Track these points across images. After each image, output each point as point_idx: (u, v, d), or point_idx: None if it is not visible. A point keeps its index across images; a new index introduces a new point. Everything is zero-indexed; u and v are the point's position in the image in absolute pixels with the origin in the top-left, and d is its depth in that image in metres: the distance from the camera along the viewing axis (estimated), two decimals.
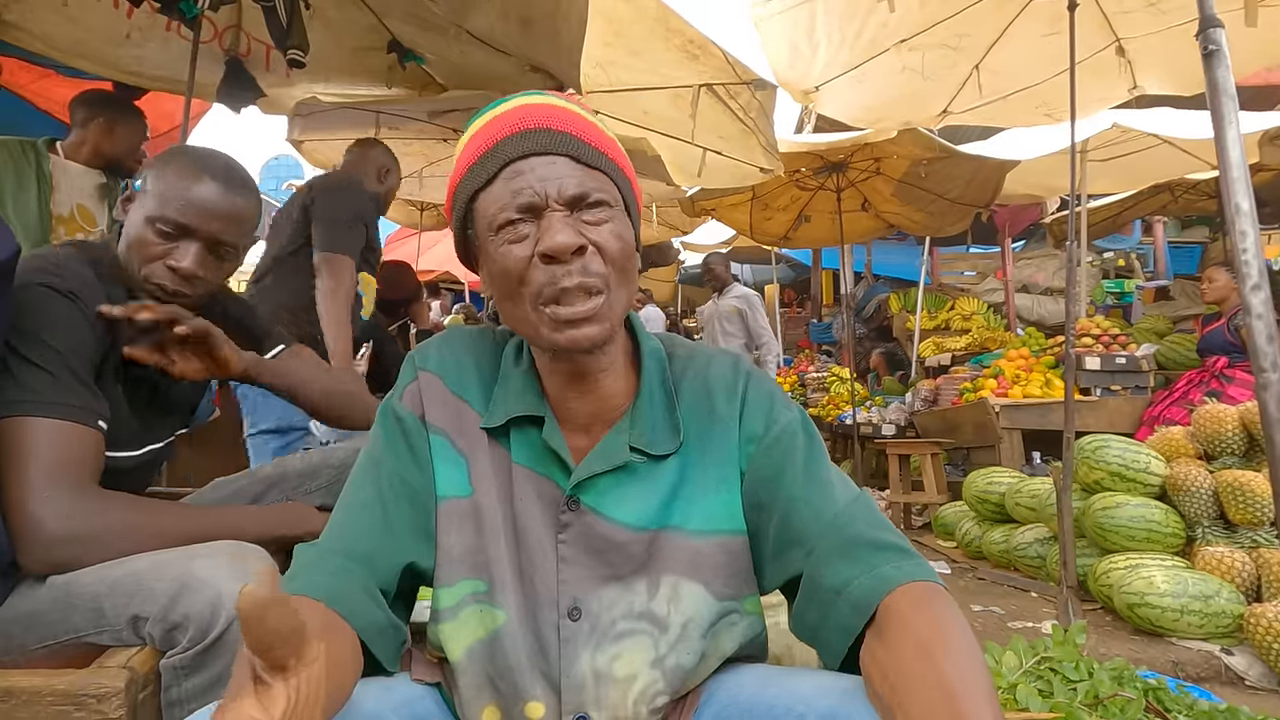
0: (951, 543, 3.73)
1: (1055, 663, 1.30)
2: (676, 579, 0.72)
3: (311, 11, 2.85)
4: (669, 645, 0.71)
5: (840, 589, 0.65)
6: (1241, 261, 1.31)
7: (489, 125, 0.72)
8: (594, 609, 0.71)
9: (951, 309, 7.40)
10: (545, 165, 0.68)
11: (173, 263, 1.05)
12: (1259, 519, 2.45)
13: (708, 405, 0.77)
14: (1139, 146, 5.33)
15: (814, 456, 0.75)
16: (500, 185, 0.69)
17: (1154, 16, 3.29)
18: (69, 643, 0.89)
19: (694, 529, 0.73)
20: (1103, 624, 2.49)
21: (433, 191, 5.83)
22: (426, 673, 0.75)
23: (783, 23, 3.47)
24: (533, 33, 2.75)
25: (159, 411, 1.15)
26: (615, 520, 0.73)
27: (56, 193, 2.55)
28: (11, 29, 2.88)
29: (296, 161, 10.83)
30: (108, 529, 0.92)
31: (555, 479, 0.74)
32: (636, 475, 0.74)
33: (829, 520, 0.69)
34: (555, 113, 0.71)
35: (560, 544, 0.72)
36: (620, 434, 0.74)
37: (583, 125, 0.72)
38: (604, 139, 0.73)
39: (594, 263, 0.68)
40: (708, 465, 0.75)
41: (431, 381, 0.78)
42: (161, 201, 1.04)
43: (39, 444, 0.90)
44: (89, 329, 0.99)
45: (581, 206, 0.69)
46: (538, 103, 0.72)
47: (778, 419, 0.76)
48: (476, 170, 0.71)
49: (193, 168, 1.06)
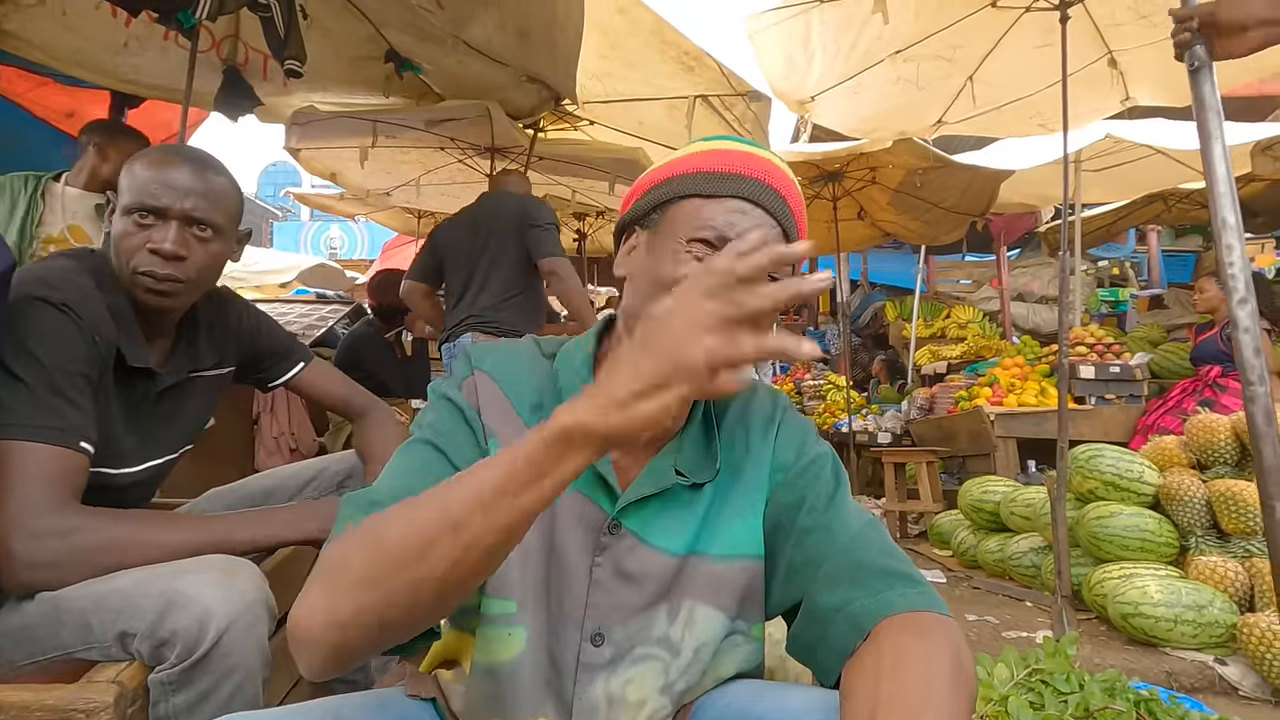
0: (947, 551, 3.73)
1: (1046, 675, 1.31)
2: (694, 603, 0.72)
3: (309, 22, 2.86)
4: (679, 671, 0.72)
5: (840, 608, 0.67)
6: (1228, 275, 1.32)
7: (738, 154, 0.74)
8: (617, 635, 0.71)
9: (947, 317, 7.42)
10: (766, 222, 0.71)
11: (153, 245, 1.05)
12: (1251, 529, 2.46)
13: (744, 437, 0.79)
14: (1132, 156, 5.37)
15: (838, 489, 0.76)
16: (720, 206, 0.71)
17: (1145, 29, 3.33)
18: (57, 659, 0.89)
19: (717, 554, 0.74)
20: (1097, 634, 2.49)
21: (429, 200, 5.84)
22: (422, 688, 0.75)
23: (778, 34, 3.50)
24: (530, 44, 2.77)
25: (164, 426, 1.14)
26: (653, 544, 0.73)
27: (48, 214, 2.59)
28: (10, 38, 2.89)
29: (294, 168, 10.83)
30: (86, 549, 0.91)
31: (600, 502, 0.74)
32: (678, 501, 0.75)
33: (842, 544, 0.71)
34: (792, 188, 0.75)
35: (595, 567, 0.72)
36: (667, 457, 0.75)
37: (802, 212, 0.76)
38: (805, 230, 0.77)
39: None
40: (739, 492, 0.76)
41: (488, 383, 0.77)
42: (134, 193, 1.05)
43: (12, 468, 0.89)
44: (84, 342, 0.97)
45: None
46: (782, 169, 0.75)
47: (808, 451, 0.79)
48: (709, 179, 0.72)
49: (159, 156, 1.08)
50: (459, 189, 5.46)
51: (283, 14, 2.63)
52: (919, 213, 5.68)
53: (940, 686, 0.57)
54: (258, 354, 1.33)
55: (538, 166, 4.36)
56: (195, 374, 1.19)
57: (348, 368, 3.83)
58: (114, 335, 1.02)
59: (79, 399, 0.96)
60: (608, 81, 3.50)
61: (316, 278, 9.39)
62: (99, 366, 1.00)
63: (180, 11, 2.48)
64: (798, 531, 0.74)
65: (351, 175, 4.96)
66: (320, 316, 4.78)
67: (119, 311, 1.05)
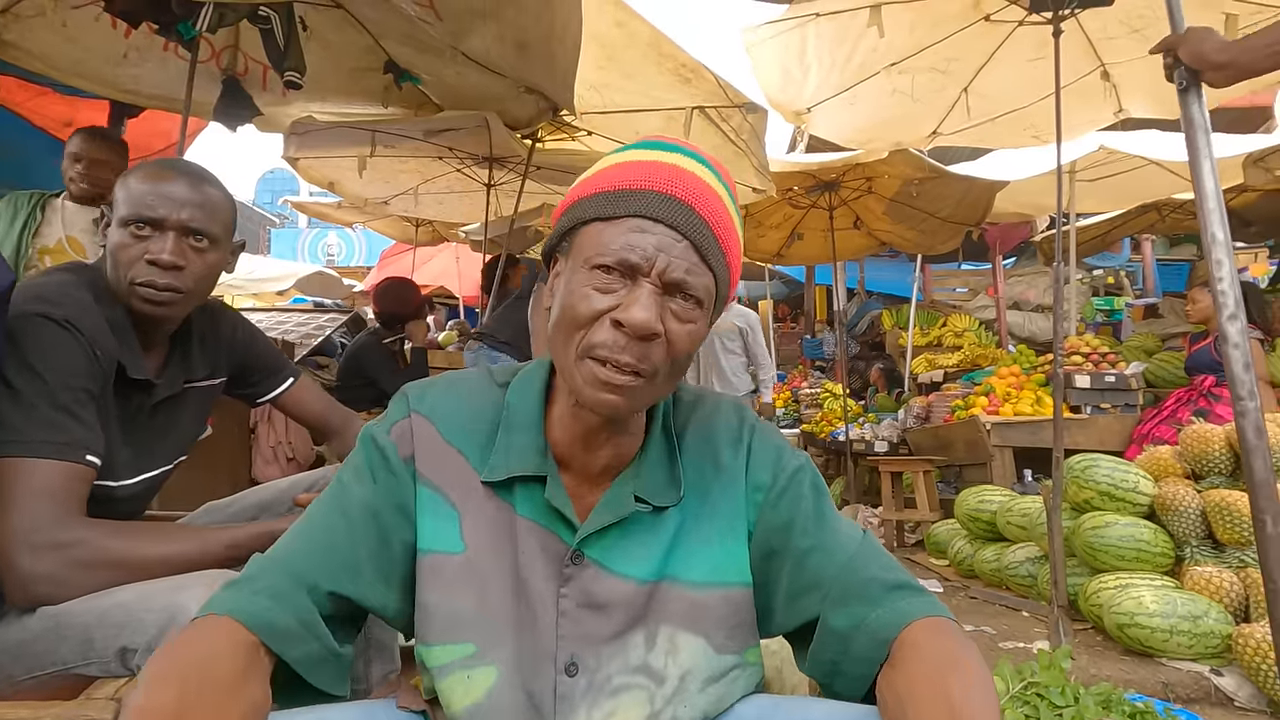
0: (944, 561, 3.73)
1: (1042, 688, 1.31)
2: (674, 630, 0.71)
3: (309, 33, 2.88)
4: (665, 700, 0.71)
5: (859, 624, 0.68)
6: (1218, 291, 1.33)
7: (642, 165, 0.69)
8: (591, 665, 0.70)
9: (943, 325, 7.45)
10: (669, 238, 0.66)
11: (150, 255, 1.05)
12: (1246, 539, 2.47)
13: (712, 456, 0.77)
14: (1126, 167, 5.41)
15: (822, 503, 0.76)
16: (618, 228, 0.66)
17: (1138, 43, 3.36)
18: (57, 674, 0.89)
19: (694, 580, 0.73)
20: (1093, 644, 2.50)
21: (427, 208, 5.85)
22: (412, 701, 0.75)
23: (774, 47, 3.52)
24: (528, 55, 2.79)
25: (158, 439, 1.15)
26: (618, 573, 0.72)
27: (46, 226, 2.63)
28: (11, 48, 2.90)
29: (292, 175, 10.85)
30: (89, 563, 0.92)
31: (559, 534, 0.73)
32: (641, 526, 0.73)
33: (843, 563, 0.72)
34: (706, 193, 0.69)
35: (561, 598, 0.71)
36: (625, 484, 0.73)
37: (719, 215, 0.69)
38: (731, 235, 0.71)
39: (656, 352, 0.66)
40: (709, 516, 0.75)
41: (424, 427, 0.75)
42: (130, 205, 1.06)
43: (17, 484, 0.90)
44: (85, 356, 0.98)
45: (676, 293, 0.66)
46: (694, 173, 0.69)
47: (785, 468, 0.77)
48: (607, 200, 0.68)
49: (154, 169, 1.09)
50: (457, 198, 5.48)
51: (283, 26, 2.65)
52: (915, 222, 5.70)
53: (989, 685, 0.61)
54: (249, 367, 1.34)
55: (535, 176, 4.38)
56: (189, 385, 1.19)
57: (350, 376, 3.84)
58: (114, 348, 1.03)
59: (82, 413, 0.97)
60: (605, 92, 3.52)
61: (314, 285, 9.40)
62: (100, 380, 1.01)
63: (180, 23, 2.50)
64: (794, 555, 0.73)
65: (350, 184, 4.98)
66: (318, 325, 4.78)
67: (118, 324, 1.05)
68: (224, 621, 0.64)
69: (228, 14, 2.53)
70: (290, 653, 0.66)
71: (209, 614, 0.65)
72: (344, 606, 0.71)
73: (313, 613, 0.68)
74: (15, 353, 0.94)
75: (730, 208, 0.71)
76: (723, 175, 0.73)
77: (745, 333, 4.85)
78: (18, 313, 0.96)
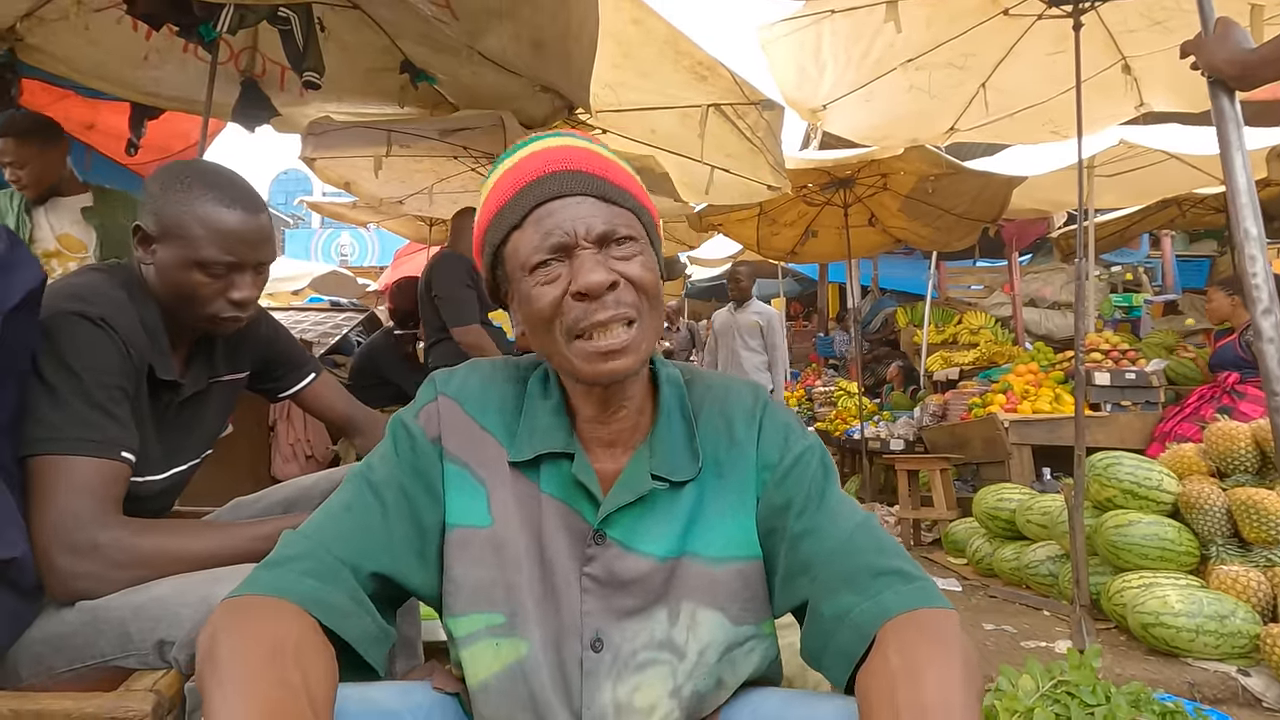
0: (962, 559, 3.71)
1: (1072, 686, 1.30)
2: (695, 606, 0.72)
3: (327, 34, 2.90)
4: (686, 674, 0.72)
5: (842, 616, 0.67)
6: (1252, 285, 1.31)
7: (513, 170, 0.74)
8: (615, 640, 0.72)
9: (959, 323, 7.38)
10: (573, 206, 0.70)
11: (235, 296, 1.09)
12: (1274, 538, 2.44)
13: (726, 432, 0.78)
14: (1146, 162, 5.34)
15: (825, 485, 0.76)
16: (530, 228, 0.71)
17: (1160, 35, 3.32)
18: (95, 666, 0.91)
19: (711, 555, 0.74)
20: (1117, 644, 2.47)
21: (441, 208, 5.87)
22: (447, 683, 0.76)
23: (790, 45, 3.51)
24: (544, 54, 2.79)
25: (185, 435, 1.16)
26: (639, 551, 0.73)
27: (37, 230, 2.60)
28: (34, 52, 2.94)
29: (305, 175, 10.94)
30: (126, 560, 0.93)
31: (583, 513, 0.74)
32: (658, 504, 0.75)
33: (835, 548, 0.71)
34: (577, 154, 0.73)
35: (585, 576, 0.73)
36: (641, 462, 0.75)
37: (604, 164, 0.74)
38: (625, 176, 0.75)
39: (627, 294, 0.70)
40: (724, 491, 0.76)
41: (451, 407, 0.78)
42: (198, 244, 1.04)
43: (55, 482, 0.91)
44: (119, 354, 0.99)
45: (609, 243, 0.71)
46: (558, 145, 0.74)
47: (792, 447, 0.77)
48: (505, 214, 0.73)
49: (214, 201, 1.05)
50: (471, 197, 5.49)
51: (301, 27, 2.67)
52: (930, 219, 5.66)
53: (955, 688, 0.58)
54: (272, 361, 1.35)
55: None
56: (213, 381, 1.21)
57: (364, 375, 3.87)
58: (147, 348, 1.04)
59: (117, 411, 0.98)
60: (621, 91, 3.52)
61: (329, 284, 9.48)
62: (134, 378, 1.02)
63: (201, 25, 2.52)
64: (790, 536, 0.73)
65: (365, 184, 5.00)
66: (335, 324, 4.83)
67: (150, 324, 1.06)
68: (281, 603, 0.65)
69: (248, 15, 2.55)
70: (350, 631, 0.67)
71: (255, 594, 0.66)
72: (384, 586, 0.73)
73: (359, 591, 0.70)
74: (51, 351, 0.95)
75: (604, 153, 0.76)
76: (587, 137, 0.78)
77: (765, 330, 4.84)
78: (53, 311, 0.97)
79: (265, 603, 0.65)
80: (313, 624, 0.64)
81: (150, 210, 1.06)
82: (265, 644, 0.59)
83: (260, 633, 0.60)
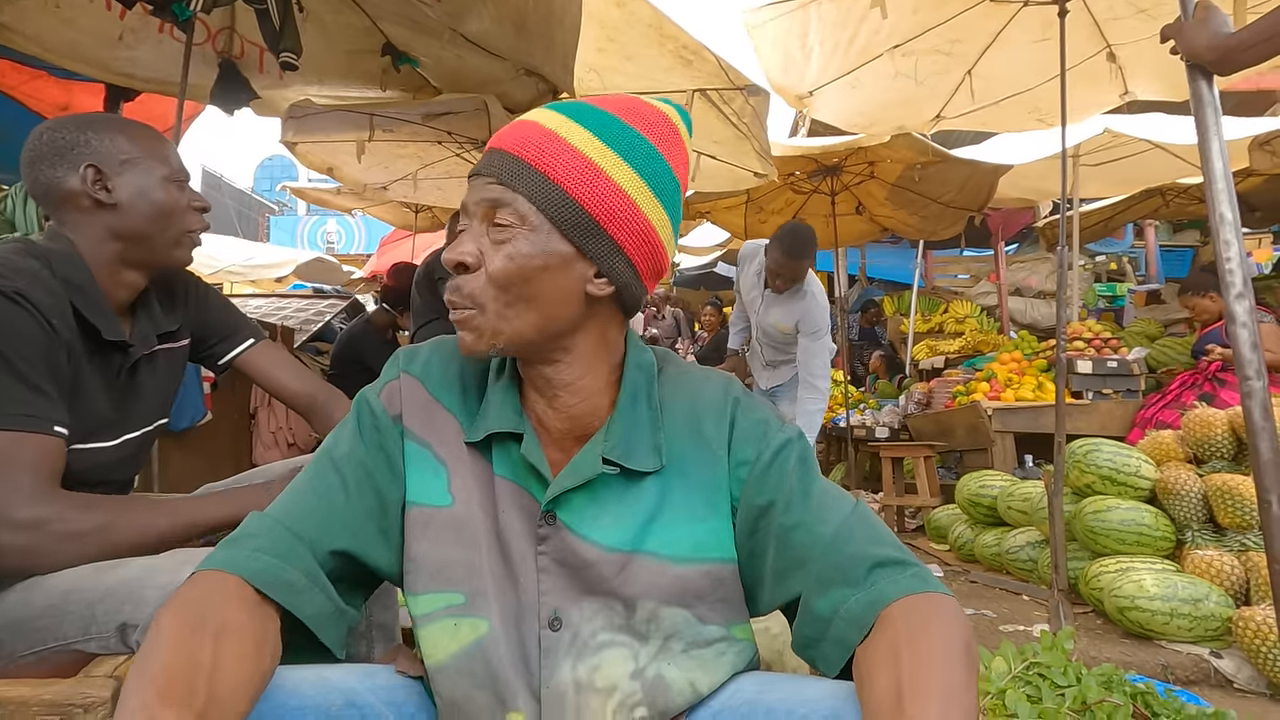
0: (944, 546, 3.74)
1: (1044, 668, 1.31)
2: (656, 605, 0.71)
3: (305, 15, 2.84)
4: (649, 657, 0.71)
5: (837, 608, 0.67)
6: (1226, 270, 1.32)
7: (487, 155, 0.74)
8: (574, 619, 0.71)
9: (945, 312, 7.43)
10: (481, 181, 0.71)
11: (198, 204, 1.15)
12: (1248, 523, 2.47)
13: (695, 428, 0.76)
14: (1131, 151, 5.37)
15: (808, 477, 0.74)
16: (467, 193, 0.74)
17: (1144, 23, 3.32)
18: (57, 649, 0.89)
19: (674, 555, 0.72)
20: (1094, 627, 2.50)
21: (427, 194, 5.82)
22: (410, 666, 0.75)
23: (776, 29, 3.49)
24: (527, 37, 2.75)
25: (136, 400, 1.14)
26: (588, 539, 0.72)
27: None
28: (5, 31, 2.86)
29: (290, 161, 10.79)
30: (67, 534, 0.91)
31: (533, 493, 0.73)
32: (612, 494, 0.73)
33: (826, 540, 0.70)
34: (527, 134, 0.70)
35: (540, 555, 0.72)
36: (594, 447, 0.73)
37: (541, 147, 0.69)
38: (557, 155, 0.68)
39: (470, 283, 0.70)
40: (691, 490, 0.74)
41: (413, 385, 0.77)
42: (160, 160, 1.12)
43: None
44: (39, 328, 0.95)
45: (491, 225, 0.70)
46: (525, 120, 0.73)
47: (771, 442, 0.75)
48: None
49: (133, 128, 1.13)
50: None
51: (278, 7, 2.61)
52: (917, 208, 5.68)
53: (957, 665, 0.58)
54: (206, 325, 1.31)
55: None
56: (160, 346, 1.19)
57: (345, 363, 3.83)
58: (72, 317, 1.00)
59: (43, 384, 0.94)
60: (605, 75, 3.49)
61: (313, 272, 9.38)
62: (60, 350, 0.98)
63: (175, 4, 2.46)
64: (778, 531, 0.72)
65: (348, 169, 4.94)
66: (317, 311, 4.78)
67: (85, 289, 1.03)
68: (230, 578, 0.65)
69: None
70: (304, 609, 0.67)
71: (210, 570, 0.66)
72: (347, 565, 0.73)
73: (317, 569, 0.70)
74: None
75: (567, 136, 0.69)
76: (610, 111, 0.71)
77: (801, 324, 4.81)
78: None
79: (210, 578, 0.65)
80: (256, 600, 0.64)
81: (84, 157, 1.07)
82: (189, 620, 0.59)
83: (187, 609, 0.60)
